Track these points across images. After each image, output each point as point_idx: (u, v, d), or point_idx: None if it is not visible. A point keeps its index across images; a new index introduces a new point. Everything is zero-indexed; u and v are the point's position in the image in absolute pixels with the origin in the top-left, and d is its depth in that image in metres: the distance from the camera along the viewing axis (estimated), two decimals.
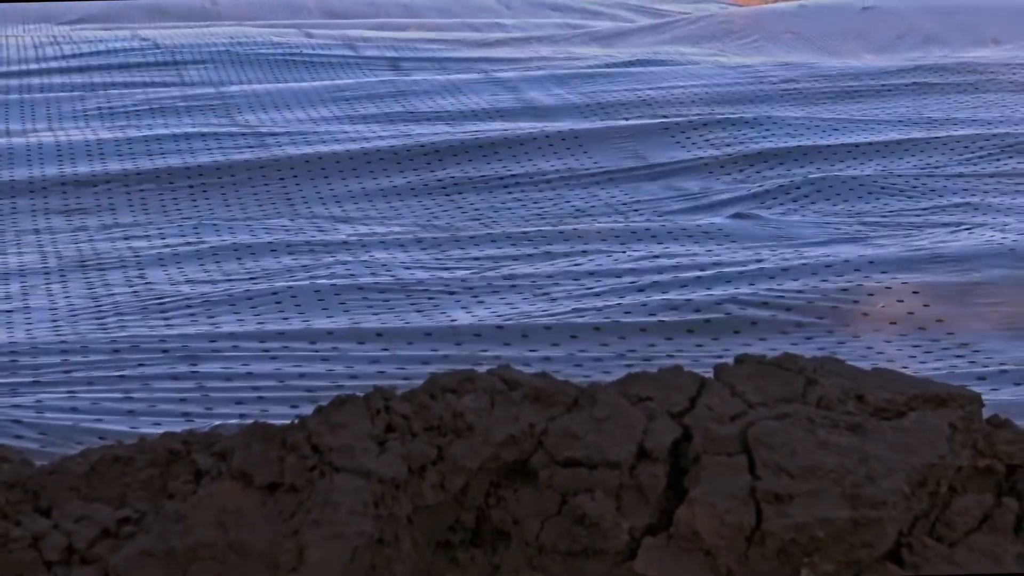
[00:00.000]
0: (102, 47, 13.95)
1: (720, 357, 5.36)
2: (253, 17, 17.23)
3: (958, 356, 5.75)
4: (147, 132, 10.04)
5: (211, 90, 12.40)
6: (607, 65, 13.32)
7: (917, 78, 11.94)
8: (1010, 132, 10.01)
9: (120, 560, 2.68)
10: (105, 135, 10.02)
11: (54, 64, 13.32)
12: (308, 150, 9.63)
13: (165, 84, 12.64)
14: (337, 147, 9.68)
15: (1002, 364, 5.60)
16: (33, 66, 13.29)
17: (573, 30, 16.29)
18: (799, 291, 6.44)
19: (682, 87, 11.79)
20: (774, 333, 5.97)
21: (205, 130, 10.07)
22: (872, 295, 6.41)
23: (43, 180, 9.16)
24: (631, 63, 13.34)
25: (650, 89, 11.67)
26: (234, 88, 12.50)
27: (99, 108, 11.28)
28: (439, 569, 2.75)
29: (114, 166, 9.39)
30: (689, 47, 14.64)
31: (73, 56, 13.66)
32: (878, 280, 6.63)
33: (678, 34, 15.60)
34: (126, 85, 12.59)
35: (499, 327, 6.02)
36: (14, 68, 13.25)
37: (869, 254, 7.16)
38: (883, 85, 11.86)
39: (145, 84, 12.61)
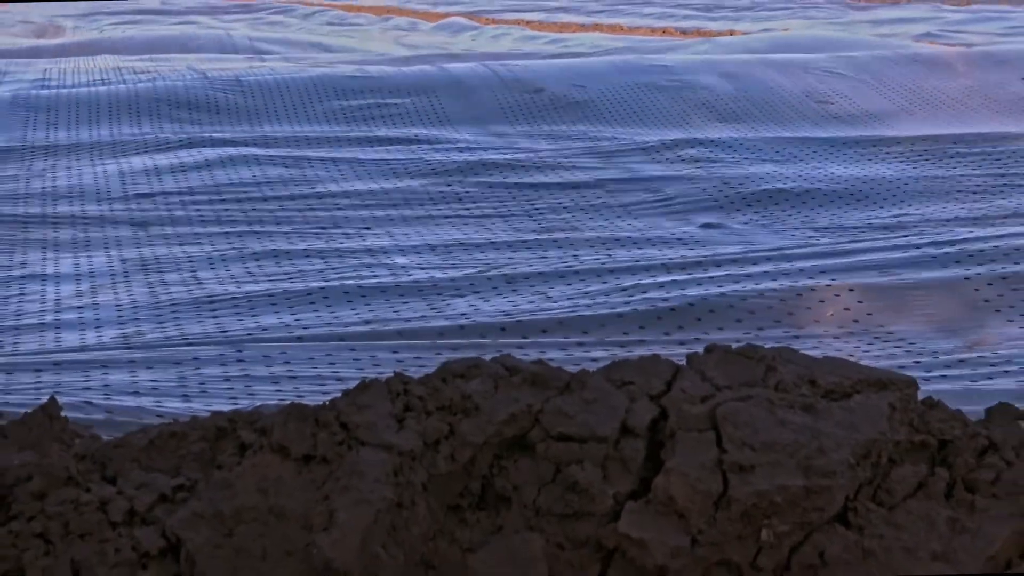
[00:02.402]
0: (159, 82, 13.94)
1: (692, 347, 5.37)
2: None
3: (896, 347, 5.75)
4: (197, 156, 10.04)
5: (252, 115, 12.40)
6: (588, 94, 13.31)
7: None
8: (938, 146, 10.02)
9: (175, 522, 2.67)
10: (161, 160, 10.03)
11: (115, 93, 13.31)
12: (336, 170, 9.63)
13: (216, 111, 12.64)
14: (360, 167, 9.69)
15: (934, 354, 5.60)
16: (102, 90, 13.28)
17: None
18: (760, 291, 6.44)
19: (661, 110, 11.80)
20: (738, 327, 5.98)
21: (246, 152, 10.08)
22: (822, 296, 6.41)
23: (109, 196, 9.17)
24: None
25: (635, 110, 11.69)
26: (272, 113, 12.50)
27: (155, 135, 11.28)
28: (450, 529, 2.75)
29: (169, 183, 9.39)
30: None
31: (133, 87, 13.65)
32: (827, 282, 6.64)
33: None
34: (174, 115, 12.59)
35: (502, 321, 6.02)
36: (83, 99, 13.23)
37: (819, 259, 7.17)
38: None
39: (193, 113, 12.61)
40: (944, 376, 5.25)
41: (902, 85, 13.77)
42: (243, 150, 10.13)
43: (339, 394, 2.86)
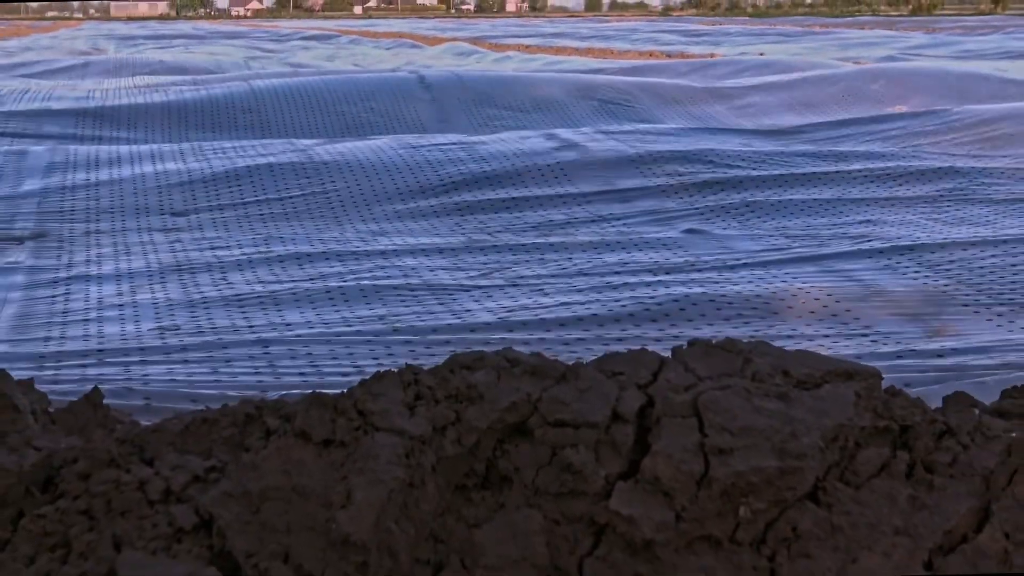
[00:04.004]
0: (189, 97, 13.95)
1: (676, 340, 5.37)
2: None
3: (861, 340, 5.75)
4: (228, 165, 10.04)
5: (272, 126, 12.40)
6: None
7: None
8: (900, 164, 10.03)
9: (207, 500, 2.67)
10: (194, 167, 10.03)
11: (152, 108, 13.32)
12: (353, 180, 9.63)
13: (244, 124, 12.65)
14: (375, 176, 9.68)
15: (896, 346, 5.60)
16: (140, 104, 13.29)
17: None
18: (738, 290, 6.45)
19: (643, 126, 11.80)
20: (719, 322, 5.98)
21: (272, 160, 10.08)
22: (794, 293, 6.42)
23: (146, 203, 9.17)
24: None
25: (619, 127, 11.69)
26: (292, 124, 12.49)
27: (189, 145, 11.28)
28: (457, 507, 2.75)
29: (200, 192, 9.39)
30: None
31: (166, 102, 13.65)
32: (799, 281, 6.64)
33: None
34: (202, 127, 12.59)
35: (504, 318, 6.02)
36: (123, 113, 13.24)
37: (792, 260, 7.17)
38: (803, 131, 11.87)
39: (220, 126, 12.61)
40: (906, 366, 5.25)
41: (860, 102, 13.78)
42: (269, 159, 10.13)
43: (356, 384, 2.85)
